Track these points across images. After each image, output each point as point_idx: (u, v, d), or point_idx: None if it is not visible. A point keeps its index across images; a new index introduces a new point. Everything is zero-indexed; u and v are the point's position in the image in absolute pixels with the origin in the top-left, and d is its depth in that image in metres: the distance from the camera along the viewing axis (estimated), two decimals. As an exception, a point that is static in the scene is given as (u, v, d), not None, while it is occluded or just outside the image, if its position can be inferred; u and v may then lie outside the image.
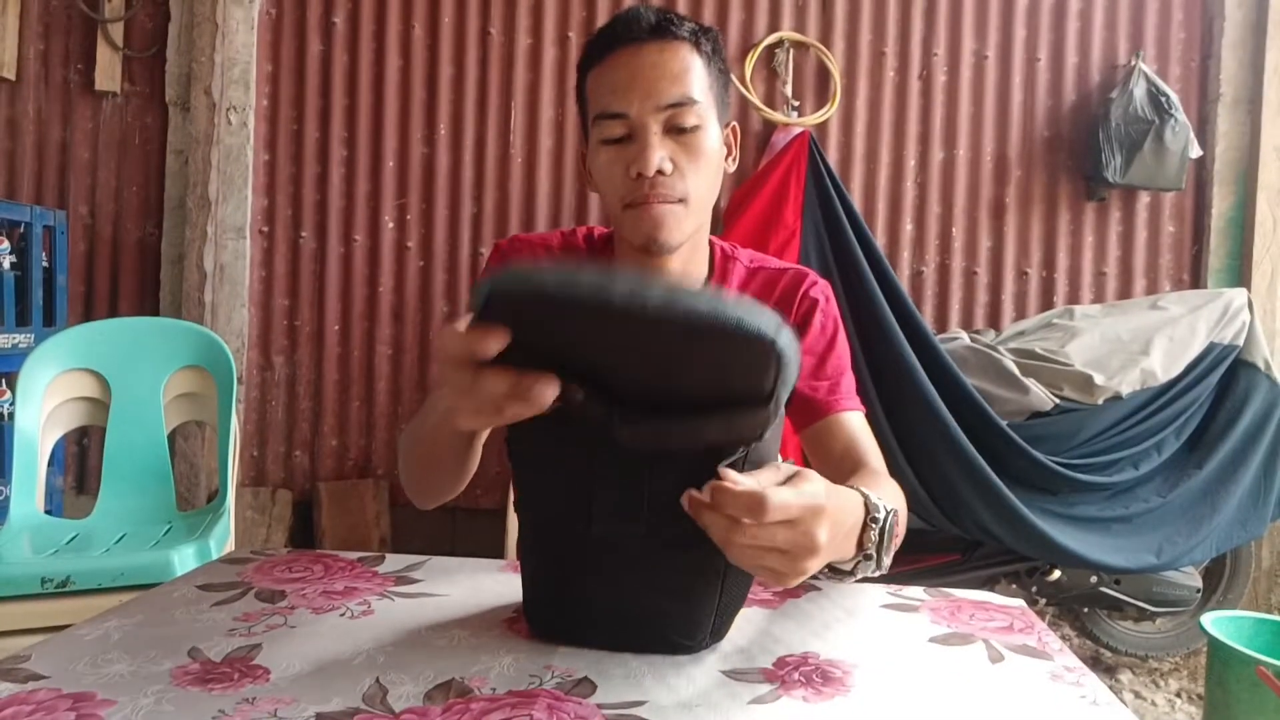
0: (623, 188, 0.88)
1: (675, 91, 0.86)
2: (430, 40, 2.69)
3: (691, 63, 0.88)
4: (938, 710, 0.55)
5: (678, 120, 0.86)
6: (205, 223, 2.59)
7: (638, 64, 0.86)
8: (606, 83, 0.88)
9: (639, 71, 0.86)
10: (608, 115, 0.87)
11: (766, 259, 1.03)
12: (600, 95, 0.89)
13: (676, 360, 0.52)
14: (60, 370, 1.84)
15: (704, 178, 0.89)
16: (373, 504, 2.61)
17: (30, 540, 1.68)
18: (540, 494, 0.66)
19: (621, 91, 0.86)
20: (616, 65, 0.88)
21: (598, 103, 0.89)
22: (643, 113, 0.86)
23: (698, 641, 0.63)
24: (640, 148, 0.86)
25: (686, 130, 0.87)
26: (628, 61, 0.87)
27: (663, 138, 0.86)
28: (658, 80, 0.86)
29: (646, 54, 0.87)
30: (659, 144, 0.86)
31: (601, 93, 0.89)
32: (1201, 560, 2.28)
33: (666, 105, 0.86)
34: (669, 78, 0.86)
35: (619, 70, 0.87)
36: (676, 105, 0.86)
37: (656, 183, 0.86)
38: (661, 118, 0.86)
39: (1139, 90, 2.57)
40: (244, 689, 0.53)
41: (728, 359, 0.52)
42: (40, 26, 2.70)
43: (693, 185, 0.88)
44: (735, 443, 0.58)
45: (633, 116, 0.86)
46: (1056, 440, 2.16)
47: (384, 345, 2.69)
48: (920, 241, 2.72)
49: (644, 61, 0.86)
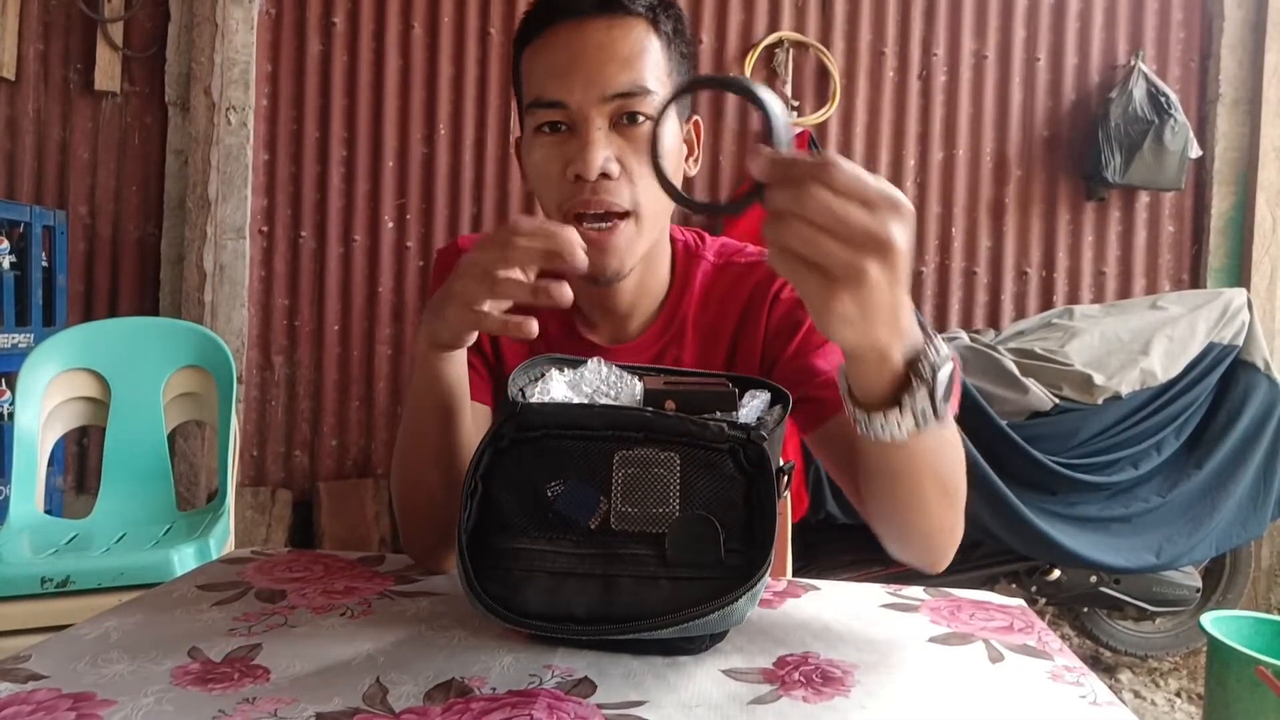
0: (559, 191, 0.75)
1: (625, 78, 0.73)
2: (430, 40, 2.69)
3: (646, 43, 0.75)
4: (938, 710, 0.55)
5: (628, 109, 0.74)
6: (205, 223, 2.59)
7: (580, 43, 0.74)
8: (543, 64, 0.75)
9: (582, 53, 0.73)
10: (543, 103, 0.74)
11: (738, 250, 0.90)
12: (536, 78, 0.76)
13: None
14: (60, 370, 1.84)
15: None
16: (372, 504, 2.61)
17: (30, 540, 1.68)
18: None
19: (560, 76, 0.73)
20: (555, 44, 0.75)
21: (533, 86, 0.76)
22: (585, 102, 0.73)
23: (698, 643, 0.62)
24: (581, 144, 0.73)
25: (638, 124, 0.74)
26: (569, 40, 0.74)
27: (609, 133, 0.74)
28: (604, 64, 0.73)
29: (592, 31, 0.74)
30: (603, 141, 0.73)
31: (537, 75, 0.76)
32: (1201, 560, 2.28)
33: (614, 95, 0.73)
34: (618, 61, 0.73)
35: (558, 50, 0.74)
36: (626, 95, 0.73)
37: (599, 188, 0.73)
38: (607, 109, 0.73)
39: (1138, 90, 2.57)
40: (244, 689, 0.53)
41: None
42: (40, 26, 2.70)
43: (644, 192, 0.75)
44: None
45: (573, 106, 0.73)
46: (1056, 440, 2.16)
47: (384, 345, 2.69)
48: (920, 241, 2.72)
49: (588, 41, 0.73)
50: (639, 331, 0.88)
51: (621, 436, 0.59)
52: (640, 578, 0.56)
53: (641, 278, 0.84)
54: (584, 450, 0.58)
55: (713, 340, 0.87)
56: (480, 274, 0.63)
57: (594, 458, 0.58)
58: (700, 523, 0.56)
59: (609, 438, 0.58)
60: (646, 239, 0.78)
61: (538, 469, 0.59)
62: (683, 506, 0.57)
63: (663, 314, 0.88)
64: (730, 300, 0.87)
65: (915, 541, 0.70)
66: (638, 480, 0.57)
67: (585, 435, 0.59)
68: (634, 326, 0.88)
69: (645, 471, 0.57)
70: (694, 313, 0.88)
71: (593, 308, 0.88)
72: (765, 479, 0.58)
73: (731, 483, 0.58)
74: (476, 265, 0.63)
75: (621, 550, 0.57)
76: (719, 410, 0.62)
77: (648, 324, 0.88)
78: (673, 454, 0.58)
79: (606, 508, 0.57)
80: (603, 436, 0.59)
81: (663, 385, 0.65)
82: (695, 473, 0.58)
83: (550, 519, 0.58)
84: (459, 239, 0.93)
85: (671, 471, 0.57)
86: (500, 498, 0.59)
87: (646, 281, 0.85)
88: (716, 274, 0.88)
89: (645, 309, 0.88)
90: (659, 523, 0.57)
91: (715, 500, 0.57)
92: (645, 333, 0.88)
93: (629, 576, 0.56)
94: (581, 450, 0.58)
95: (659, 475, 0.57)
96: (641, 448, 0.58)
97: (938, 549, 0.71)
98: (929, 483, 0.63)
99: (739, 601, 0.54)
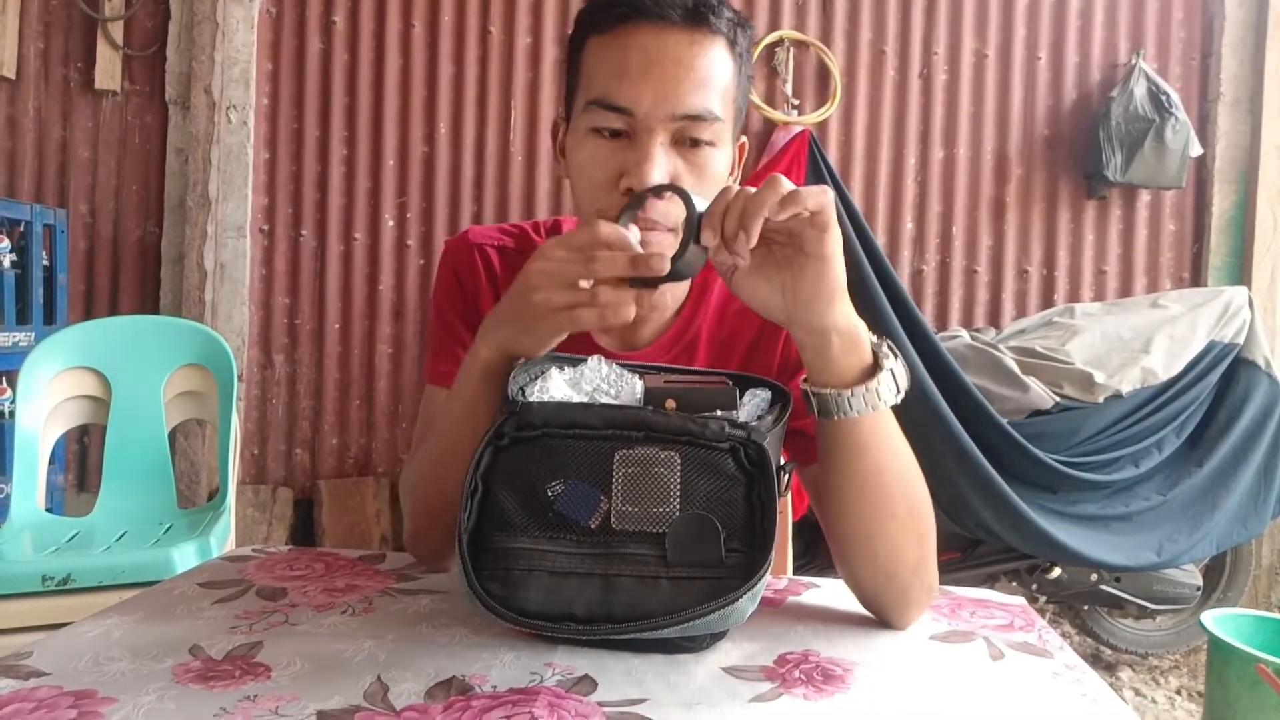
0: (605, 195, 0.72)
1: (698, 101, 0.70)
2: (430, 39, 2.69)
3: (722, 67, 0.72)
4: (938, 708, 0.55)
5: (691, 133, 0.71)
6: (205, 221, 2.59)
7: (659, 52, 0.70)
8: (613, 63, 0.71)
9: (659, 62, 0.69)
10: (607, 105, 0.71)
11: None
12: (601, 75, 0.72)
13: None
14: (61, 368, 1.84)
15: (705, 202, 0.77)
16: (373, 502, 2.62)
17: (31, 538, 1.68)
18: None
19: (631, 81, 0.70)
20: (630, 44, 0.70)
21: (596, 84, 0.72)
22: (652, 116, 0.70)
23: (699, 641, 0.63)
24: (640, 157, 0.70)
25: (699, 146, 0.72)
26: (646, 44, 0.70)
27: (669, 149, 0.71)
28: (680, 81, 0.70)
29: (673, 41, 0.70)
30: (664, 157, 0.70)
31: (603, 73, 0.72)
32: (1202, 558, 2.28)
33: (683, 115, 0.70)
34: (694, 81, 0.70)
35: (632, 52, 0.70)
36: (694, 118, 0.70)
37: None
38: (673, 127, 0.71)
39: (1139, 89, 2.57)
40: (245, 686, 0.53)
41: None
42: (40, 25, 2.69)
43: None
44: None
45: (638, 117, 0.70)
46: (1057, 438, 2.16)
47: (384, 344, 2.69)
48: (921, 240, 2.72)
49: (667, 52, 0.70)
50: (651, 339, 0.87)
51: (622, 436, 0.59)
52: (641, 577, 0.56)
53: (661, 291, 0.83)
54: (584, 449, 0.58)
55: (725, 356, 0.86)
56: (565, 283, 0.61)
57: (594, 457, 0.58)
58: (701, 522, 0.57)
59: (609, 437, 0.59)
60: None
61: (538, 468, 0.59)
62: (683, 506, 0.57)
63: (676, 324, 0.86)
64: (747, 316, 0.85)
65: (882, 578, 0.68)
66: (638, 479, 0.57)
67: (585, 434, 0.59)
68: (646, 334, 0.87)
69: (646, 471, 0.57)
70: (709, 326, 0.86)
71: None
72: (766, 478, 0.58)
73: (732, 482, 0.58)
74: (559, 276, 0.61)
75: (622, 550, 0.57)
76: (719, 409, 0.62)
77: (660, 333, 0.87)
78: (673, 453, 0.58)
79: (607, 507, 0.57)
80: (603, 436, 0.59)
81: (663, 384, 0.65)
82: (696, 472, 0.58)
83: (551, 518, 0.58)
84: (468, 231, 0.90)
85: (672, 471, 0.57)
86: (500, 497, 0.59)
87: (666, 295, 0.85)
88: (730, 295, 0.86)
89: (660, 318, 0.86)
90: (659, 522, 0.57)
91: (716, 499, 0.57)
92: (656, 342, 0.86)
93: (629, 576, 0.56)
94: (582, 449, 0.58)
95: (659, 474, 0.57)
96: (642, 447, 0.58)
97: (906, 591, 0.67)
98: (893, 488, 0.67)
99: (740, 601, 0.54)
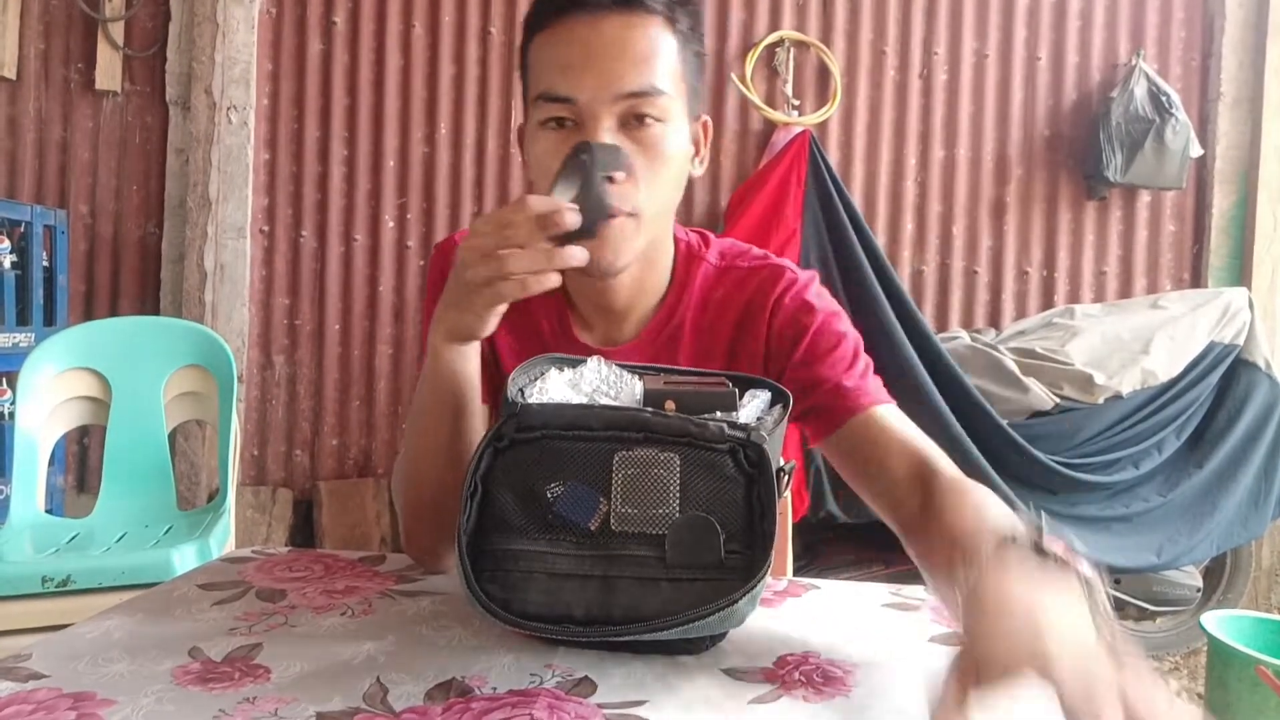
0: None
1: (638, 78, 0.72)
2: (431, 39, 2.69)
3: (662, 43, 0.74)
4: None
5: (637, 111, 0.73)
6: (206, 222, 2.59)
7: (595, 39, 0.72)
8: (554, 56, 0.74)
9: (595, 49, 0.72)
10: (551, 97, 0.73)
11: (741, 253, 0.88)
12: (545, 70, 0.75)
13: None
14: (61, 369, 1.84)
15: (663, 185, 0.76)
16: (373, 503, 2.61)
17: (31, 539, 1.68)
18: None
19: (571, 71, 0.72)
20: (568, 37, 0.73)
21: (542, 80, 0.75)
22: (595, 101, 0.72)
23: (699, 643, 0.62)
24: None
25: (647, 125, 0.73)
26: (582, 34, 0.73)
27: (616, 133, 0.73)
28: (616, 61, 0.72)
29: (607, 27, 0.72)
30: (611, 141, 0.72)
31: (546, 67, 0.74)
32: (1202, 559, 2.28)
33: (625, 94, 0.72)
34: (632, 60, 0.72)
35: (571, 44, 0.73)
36: (637, 95, 0.72)
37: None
38: (617, 109, 0.72)
39: (1139, 89, 2.56)
40: (245, 688, 0.53)
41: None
42: (40, 26, 2.69)
43: (648, 195, 0.74)
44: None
45: (581, 104, 0.72)
46: (1057, 439, 2.16)
47: (385, 345, 2.69)
48: (921, 241, 2.72)
49: (603, 36, 0.72)
50: (635, 332, 0.87)
51: (621, 437, 0.58)
52: (640, 579, 0.56)
53: (640, 276, 0.83)
54: (583, 451, 0.58)
55: (709, 344, 0.86)
56: (487, 256, 0.64)
57: (594, 458, 0.58)
58: (700, 524, 0.56)
59: (608, 438, 0.58)
60: (645, 237, 0.77)
61: (537, 470, 0.59)
62: (683, 507, 0.57)
63: (659, 314, 0.86)
64: (730, 304, 0.86)
65: None
66: (637, 481, 0.57)
67: (585, 436, 0.59)
68: (630, 327, 0.87)
69: (645, 472, 0.57)
70: (692, 315, 0.86)
71: (589, 306, 0.87)
72: (765, 479, 0.58)
73: (731, 483, 0.58)
74: (481, 249, 0.64)
75: (621, 551, 0.57)
76: (719, 410, 0.62)
77: (644, 324, 0.86)
78: (672, 454, 0.58)
79: (606, 509, 0.57)
80: (602, 437, 0.58)
81: (663, 385, 0.65)
82: (695, 473, 0.57)
83: (550, 520, 0.58)
84: (455, 235, 0.91)
85: (671, 472, 0.57)
86: (500, 499, 0.59)
87: (645, 280, 0.84)
88: (718, 276, 0.87)
89: (643, 309, 0.86)
90: (659, 524, 0.57)
91: (715, 501, 0.57)
92: (640, 334, 0.86)
93: (629, 578, 0.56)
94: (581, 451, 0.58)
95: (659, 476, 0.57)
96: (641, 448, 0.58)
97: None
98: None
99: (739, 603, 0.54)
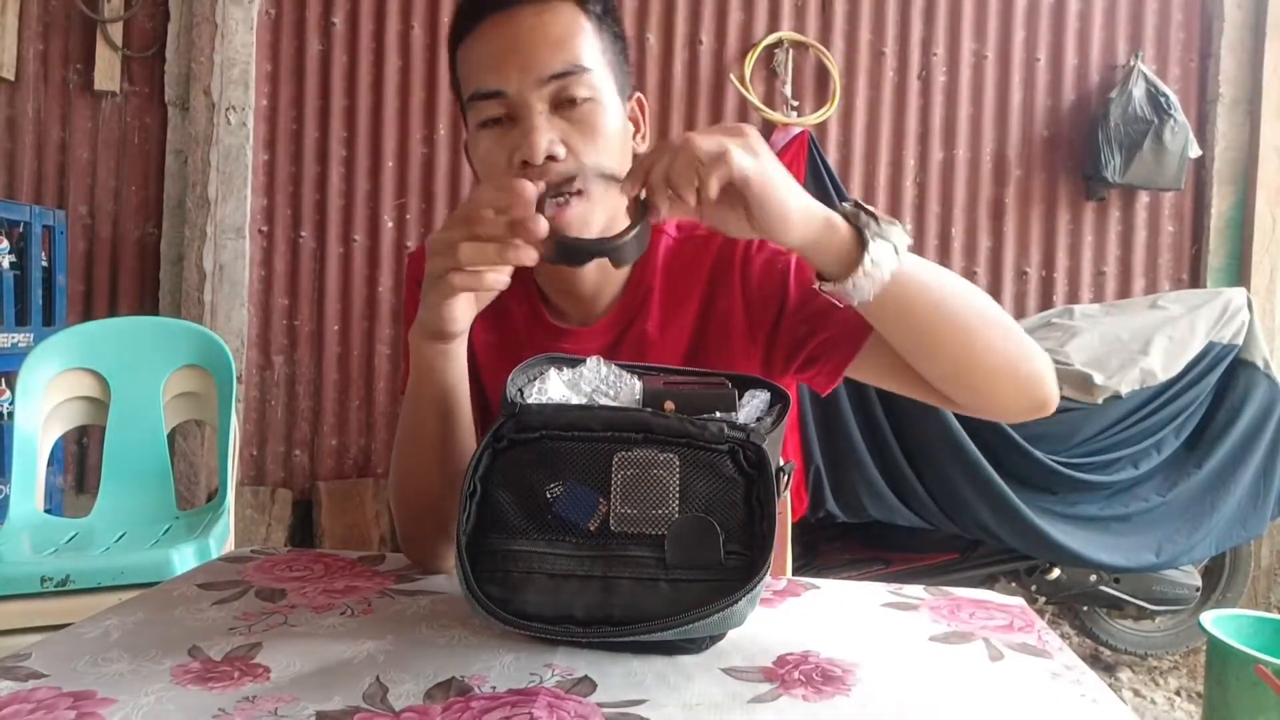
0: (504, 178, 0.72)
1: (559, 59, 0.74)
2: (429, 40, 2.69)
3: (577, 25, 0.77)
4: (938, 708, 0.55)
5: (566, 92, 0.75)
6: (204, 222, 2.59)
7: (512, 31, 0.75)
8: (478, 56, 0.76)
9: (514, 39, 0.74)
10: (483, 95, 0.75)
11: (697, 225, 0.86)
12: (472, 72, 0.77)
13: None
14: (60, 369, 1.84)
15: (606, 159, 0.77)
16: (372, 503, 2.62)
17: (30, 539, 1.68)
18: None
19: (495, 64, 0.75)
20: (488, 34, 0.76)
21: (470, 80, 0.77)
22: (523, 88, 0.74)
23: (698, 643, 0.63)
24: (524, 130, 0.74)
25: (578, 104, 0.75)
26: (500, 29, 0.75)
27: (550, 116, 0.75)
28: (536, 47, 0.74)
29: (522, 18, 0.75)
30: (546, 124, 0.74)
31: (473, 69, 0.77)
32: (1201, 559, 2.28)
33: (550, 76, 0.74)
34: (550, 43, 0.74)
35: (491, 40, 0.76)
36: (562, 75, 0.74)
37: (547, 170, 0.73)
38: (546, 92, 0.74)
39: (1138, 90, 2.57)
40: (244, 687, 0.53)
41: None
42: (40, 26, 2.69)
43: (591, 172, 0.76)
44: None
45: (511, 94, 0.74)
46: (1056, 439, 2.16)
47: (384, 345, 2.69)
48: (920, 241, 2.72)
49: (519, 27, 0.75)
50: (605, 310, 0.88)
51: (620, 437, 0.58)
52: (640, 579, 0.56)
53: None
54: (583, 451, 0.58)
55: (676, 310, 0.87)
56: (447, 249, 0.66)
57: (593, 459, 0.58)
58: (700, 524, 0.57)
59: (608, 439, 0.58)
60: (600, 215, 0.77)
61: (537, 470, 0.59)
62: (682, 508, 0.57)
63: (627, 291, 0.87)
64: (695, 269, 0.87)
65: (980, 380, 0.74)
66: (637, 481, 0.57)
67: (584, 436, 0.59)
68: (600, 308, 0.88)
69: (644, 473, 0.57)
70: (659, 284, 0.87)
71: (560, 294, 0.88)
72: (765, 479, 0.58)
73: (731, 483, 0.58)
74: (444, 241, 0.66)
75: (621, 552, 0.57)
76: (718, 410, 0.62)
77: (613, 304, 0.88)
78: (672, 455, 0.58)
79: (606, 509, 0.57)
80: (602, 438, 0.59)
81: (662, 385, 0.64)
82: (695, 474, 0.58)
83: (549, 520, 0.58)
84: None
85: (671, 473, 0.57)
86: (499, 499, 0.59)
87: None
88: (679, 246, 0.88)
89: (611, 290, 0.88)
90: (658, 524, 0.57)
91: (715, 501, 0.57)
92: (609, 312, 0.87)
93: (628, 578, 0.56)
94: (580, 451, 0.58)
95: (658, 476, 0.57)
96: (641, 449, 0.58)
97: (1016, 379, 0.74)
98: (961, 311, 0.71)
99: (739, 604, 0.54)
